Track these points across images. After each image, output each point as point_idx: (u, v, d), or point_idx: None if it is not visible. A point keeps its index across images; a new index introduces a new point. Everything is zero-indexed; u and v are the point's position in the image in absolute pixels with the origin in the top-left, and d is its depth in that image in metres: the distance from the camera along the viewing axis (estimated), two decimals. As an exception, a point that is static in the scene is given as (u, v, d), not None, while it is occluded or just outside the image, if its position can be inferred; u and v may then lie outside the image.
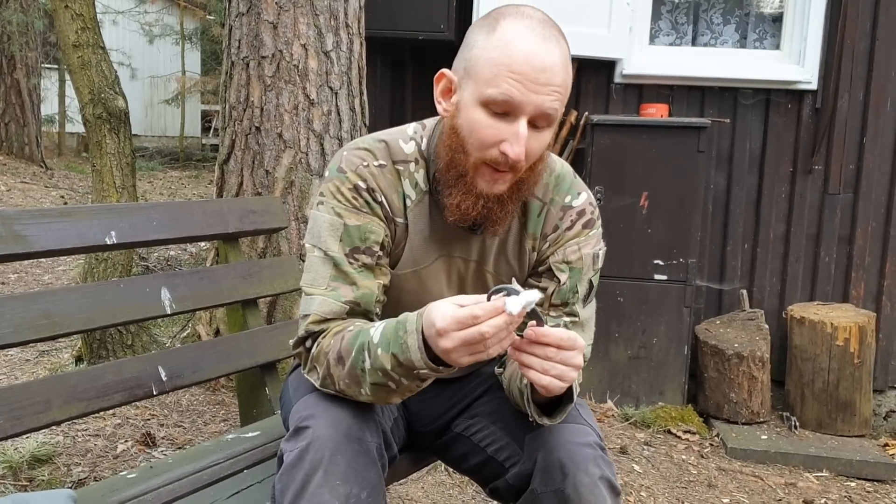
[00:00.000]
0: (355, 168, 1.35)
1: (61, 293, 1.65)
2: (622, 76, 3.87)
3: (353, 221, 1.33)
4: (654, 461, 3.15)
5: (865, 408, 3.52)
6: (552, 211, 1.42)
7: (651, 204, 3.56)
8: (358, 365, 1.22)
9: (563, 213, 1.43)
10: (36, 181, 8.79)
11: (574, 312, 1.43)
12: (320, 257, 1.34)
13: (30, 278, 5.09)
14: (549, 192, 1.43)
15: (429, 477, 2.73)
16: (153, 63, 13.77)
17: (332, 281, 1.32)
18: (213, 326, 3.28)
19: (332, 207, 1.34)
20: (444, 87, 1.33)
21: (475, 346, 1.10)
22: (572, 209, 1.43)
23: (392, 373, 1.19)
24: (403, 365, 1.18)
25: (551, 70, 1.23)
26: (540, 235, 1.43)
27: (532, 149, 1.27)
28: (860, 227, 3.81)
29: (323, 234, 1.34)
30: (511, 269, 1.45)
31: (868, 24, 3.70)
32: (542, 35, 1.24)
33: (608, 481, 1.30)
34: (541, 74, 1.22)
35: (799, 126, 3.82)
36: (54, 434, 2.74)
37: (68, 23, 3.40)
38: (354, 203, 1.34)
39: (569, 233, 1.42)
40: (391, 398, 1.26)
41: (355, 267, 1.33)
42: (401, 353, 1.17)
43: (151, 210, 1.86)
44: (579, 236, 1.42)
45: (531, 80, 1.21)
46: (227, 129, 3.19)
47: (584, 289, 1.43)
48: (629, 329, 3.62)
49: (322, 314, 1.31)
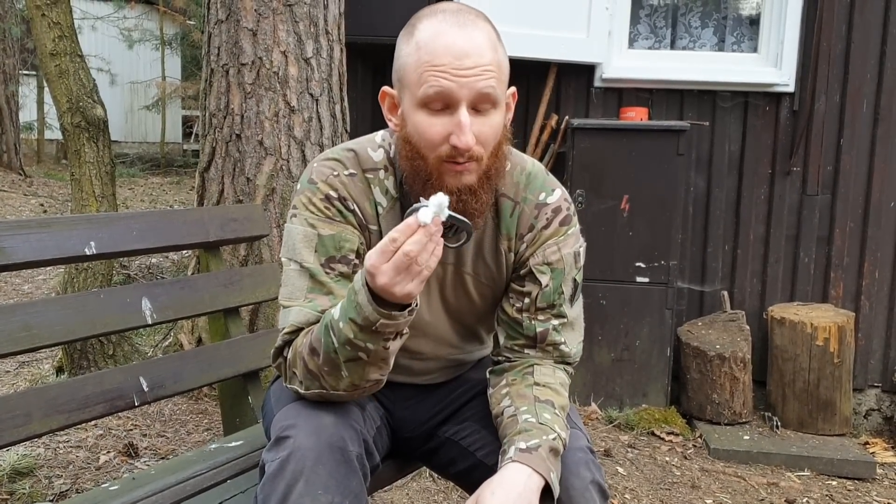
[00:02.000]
0: (325, 178, 1.37)
1: (41, 305, 1.63)
2: (602, 80, 3.89)
3: (327, 231, 1.34)
4: (638, 463, 3.16)
5: (846, 407, 3.56)
6: (526, 210, 1.42)
7: (632, 207, 3.58)
8: (329, 347, 1.23)
9: (538, 211, 1.42)
10: (15, 189, 8.71)
11: (562, 314, 1.43)
12: (296, 270, 1.34)
13: (9, 288, 5.04)
14: (521, 191, 1.42)
15: (413, 483, 2.73)
16: (133, 68, 13.66)
17: (309, 292, 1.33)
18: (195, 335, 3.27)
19: (305, 219, 1.35)
20: (390, 103, 1.37)
21: (409, 269, 1.11)
22: (547, 206, 1.42)
23: (357, 341, 1.19)
24: (362, 326, 1.18)
25: (474, 52, 1.24)
26: (515, 235, 1.42)
27: (484, 133, 1.27)
28: (838, 227, 3.85)
29: (298, 247, 1.35)
30: (489, 271, 1.44)
31: (843, 27, 3.75)
32: (456, 23, 1.25)
33: (598, 485, 1.32)
34: (464, 59, 1.23)
35: (777, 128, 3.86)
36: (35, 446, 2.72)
37: (45, 31, 3.37)
38: (327, 213, 1.35)
39: (546, 231, 1.42)
40: (370, 373, 1.26)
41: (332, 276, 1.33)
42: (357, 315, 1.17)
43: (131, 220, 1.85)
44: (557, 235, 1.42)
45: (455, 68, 1.22)
46: (207, 137, 3.18)
47: (569, 288, 1.43)
48: (612, 331, 3.64)
49: (298, 324, 1.31)
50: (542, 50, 3.74)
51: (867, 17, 3.73)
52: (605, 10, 3.78)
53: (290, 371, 1.33)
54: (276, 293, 2.17)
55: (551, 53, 3.77)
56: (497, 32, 1.31)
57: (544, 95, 3.87)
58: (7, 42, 9.86)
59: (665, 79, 3.86)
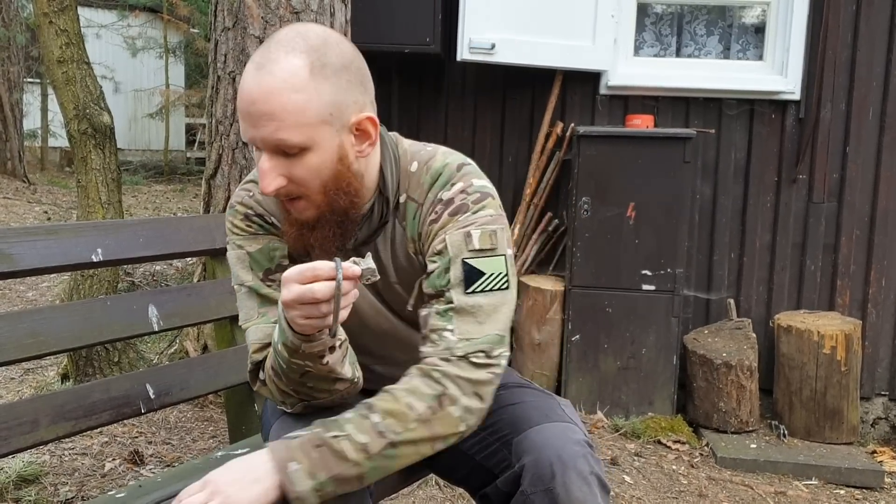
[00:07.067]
0: (241, 200, 1.41)
1: (48, 312, 1.63)
2: (607, 88, 3.89)
3: (254, 246, 1.38)
4: (645, 472, 3.15)
5: (853, 415, 3.54)
6: (425, 209, 1.37)
7: (638, 214, 3.57)
8: (281, 368, 1.27)
9: (433, 208, 1.35)
10: (19, 197, 8.72)
11: (449, 299, 1.28)
12: (245, 292, 1.39)
13: (13, 295, 5.04)
14: (425, 191, 1.38)
15: (420, 491, 2.72)
16: (137, 76, 13.71)
17: (259, 308, 1.37)
18: (200, 342, 3.26)
19: (233, 242, 1.40)
20: None
21: (308, 307, 1.12)
22: (441, 202, 1.34)
23: (295, 360, 1.22)
24: (291, 350, 1.21)
25: (260, 99, 1.17)
26: (417, 236, 1.38)
27: (297, 175, 1.22)
28: (845, 235, 3.84)
29: (236, 270, 1.40)
30: (409, 275, 1.41)
31: (849, 35, 3.75)
32: (257, 65, 1.19)
33: (598, 478, 1.30)
34: (251, 108, 1.18)
35: (783, 136, 3.85)
36: (41, 453, 2.71)
37: (53, 38, 3.38)
38: (249, 230, 1.39)
39: (435, 225, 1.34)
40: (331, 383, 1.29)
41: (274, 287, 1.37)
42: (284, 339, 1.21)
43: (138, 227, 1.85)
44: (446, 225, 1.33)
45: (248, 115, 1.19)
46: (213, 144, 3.18)
47: (457, 271, 1.28)
48: (618, 340, 3.63)
49: (259, 340, 1.36)
50: (547, 57, 3.74)
51: (873, 25, 3.73)
52: (610, 18, 3.79)
53: (269, 391, 1.37)
54: (282, 300, 2.17)
55: (557, 61, 3.77)
56: (314, 62, 1.19)
57: (550, 103, 3.86)
58: (12, 49, 9.89)
59: (671, 86, 3.86)
